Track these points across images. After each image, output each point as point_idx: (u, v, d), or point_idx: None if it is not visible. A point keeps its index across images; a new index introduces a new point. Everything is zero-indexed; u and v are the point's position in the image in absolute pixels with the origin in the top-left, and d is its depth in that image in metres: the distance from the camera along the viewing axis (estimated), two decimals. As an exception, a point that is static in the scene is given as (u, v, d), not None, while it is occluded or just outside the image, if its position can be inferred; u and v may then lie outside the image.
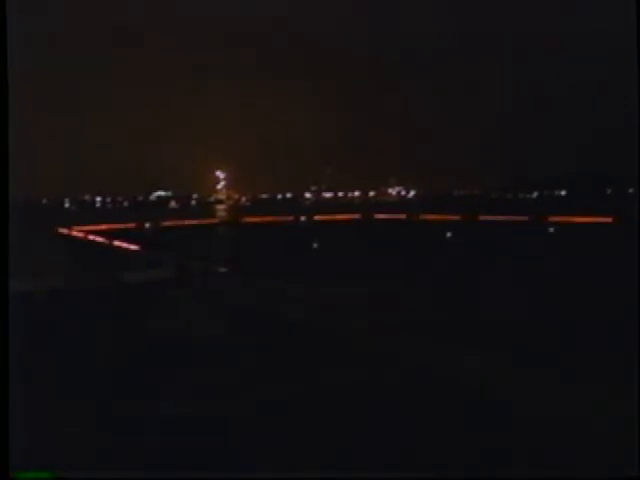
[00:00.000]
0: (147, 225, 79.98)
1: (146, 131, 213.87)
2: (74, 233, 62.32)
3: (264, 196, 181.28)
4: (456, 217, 75.59)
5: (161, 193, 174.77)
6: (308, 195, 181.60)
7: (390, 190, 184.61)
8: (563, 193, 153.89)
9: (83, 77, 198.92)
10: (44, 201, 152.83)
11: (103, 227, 68.74)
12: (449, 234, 53.16)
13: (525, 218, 69.15)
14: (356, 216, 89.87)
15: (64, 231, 63.97)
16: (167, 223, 79.98)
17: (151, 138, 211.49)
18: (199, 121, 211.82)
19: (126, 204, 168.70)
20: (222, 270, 28.46)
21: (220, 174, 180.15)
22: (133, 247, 41.45)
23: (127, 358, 15.07)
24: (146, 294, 23.33)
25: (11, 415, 7.18)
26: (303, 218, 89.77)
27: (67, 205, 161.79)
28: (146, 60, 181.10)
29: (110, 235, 52.55)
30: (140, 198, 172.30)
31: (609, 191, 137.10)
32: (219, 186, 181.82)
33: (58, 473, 8.08)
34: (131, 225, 76.61)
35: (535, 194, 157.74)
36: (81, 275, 26.84)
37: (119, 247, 42.55)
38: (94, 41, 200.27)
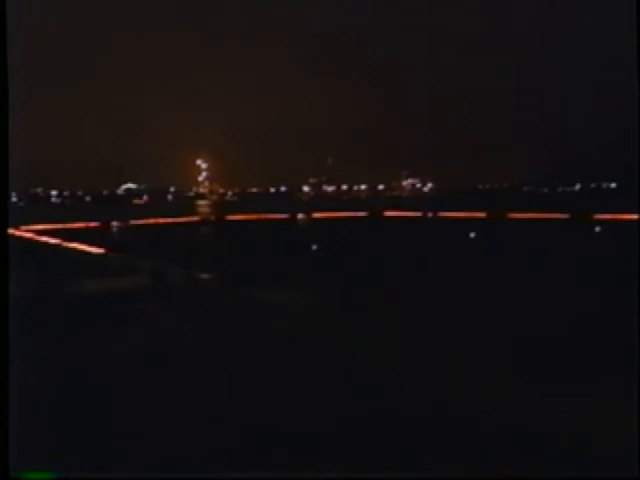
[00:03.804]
0: (114, 224, 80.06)
1: (113, 114, 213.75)
2: (22, 234, 61.96)
3: (254, 190, 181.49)
4: (481, 215, 75.65)
5: (131, 186, 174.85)
6: (306, 189, 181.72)
7: (403, 183, 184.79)
8: (613, 186, 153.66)
9: (43, 55, 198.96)
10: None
11: (59, 226, 68.61)
12: (472, 234, 53.05)
13: (566, 216, 69.13)
14: (362, 214, 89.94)
15: (10, 231, 63.68)
16: (138, 222, 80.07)
17: (119, 122, 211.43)
18: (178, 104, 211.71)
19: (88, 199, 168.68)
20: (204, 277, 28.39)
21: (202, 164, 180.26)
22: (96, 250, 41.36)
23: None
24: (108, 308, 22.92)
25: (11, 415, 7.95)
26: (300, 216, 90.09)
27: (14, 200, 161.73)
28: (121, 41, 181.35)
29: (68, 236, 52.38)
30: (105, 192, 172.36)
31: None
32: (201, 178, 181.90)
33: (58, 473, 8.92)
34: (94, 224, 76.69)
35: (578, 187, 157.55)
36: (24, 284, 26.35)
37: (78, 250, 42.44)
38: (73, 27, 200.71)
